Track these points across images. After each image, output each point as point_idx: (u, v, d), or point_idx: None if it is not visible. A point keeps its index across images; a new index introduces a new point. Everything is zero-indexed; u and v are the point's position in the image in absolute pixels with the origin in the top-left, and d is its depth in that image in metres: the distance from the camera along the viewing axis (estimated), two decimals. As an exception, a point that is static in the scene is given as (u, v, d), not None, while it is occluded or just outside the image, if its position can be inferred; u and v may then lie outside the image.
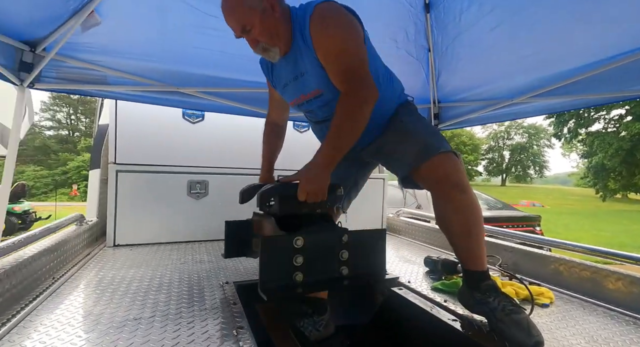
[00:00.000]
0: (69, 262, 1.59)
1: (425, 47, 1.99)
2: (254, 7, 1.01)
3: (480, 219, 1.05)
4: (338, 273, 0.99)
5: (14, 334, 0.90)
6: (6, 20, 1.34)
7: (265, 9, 1.02)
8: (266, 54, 1.11)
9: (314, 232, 1.03)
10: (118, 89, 1.87)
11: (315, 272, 0.97)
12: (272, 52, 1.09)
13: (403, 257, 1.98)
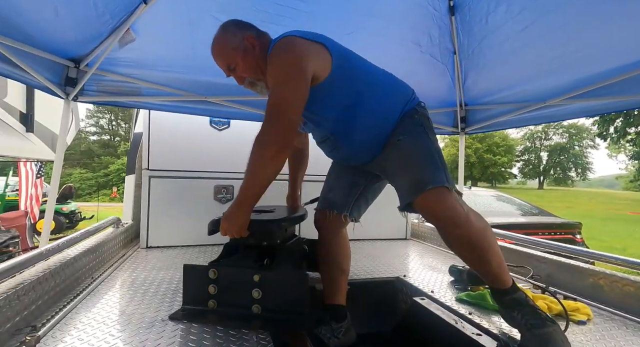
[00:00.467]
0: (106, 263, 1.71)
1: (450, 50, 1.94)
2: (236, 48, 1.12)
3: (488, 242, 1.00)
4: (249, 310, 1.05)
5: (57, 330, 0.98)
6: (54, 40, 1.48)
7: (246, 48, 1.12)
8: (254, 88, 1.19)
9: (228, 266, 1.13)
10: (151, 100, 1.99)
11: (227, 304, 1.07)
12: (258, 85, 1.17)
13: (427, 264, 1.92)
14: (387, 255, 2.14)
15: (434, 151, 1.09)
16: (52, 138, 5.33)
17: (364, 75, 1.13)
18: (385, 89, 1.15)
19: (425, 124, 1.14)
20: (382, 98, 1.14)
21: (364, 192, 1.35)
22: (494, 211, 4.66)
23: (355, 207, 1.35)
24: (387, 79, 1.19)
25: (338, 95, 1.09)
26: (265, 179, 1.01)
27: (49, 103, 5.03)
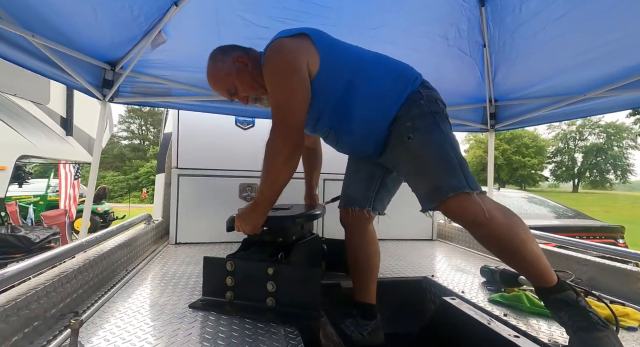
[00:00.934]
0: (139, 257, 1.78)
1: (479, 43, 1.87)
2: (229, 72, 1.13)
3: (520, 239, 0.95)
4: (264, 303, 1.06)
5: (97, 317, 1.03)
6: (93, 44, 1.56)
7: (239, 69, 1.13)
8: (261, 103, 1.20)
9: (244, 259, 1.15)
10: (180, 100, 2.06)
11: (244, 296, 1.10)
12: (264, 99, 1.17)
13: (455, 265, 1.85)
14: (413, 255, 2.08)
15: (449, 148, 1.00)
16: (89, 141, 5.66)
17: (354, 63, 1.09)
18: (378, 75, 1.09)
19: (434, 110, 1.04)
20: (374, 84, 1.08)
21: (384, 182, 1.29)
22: (525, 213, 4.44)
23: (378, 200, 1.29)
24: (380, 64, 1.12)
25: (330, 87, 1.06)
26: (279, 184, 1.04)
27: (85, 108, 5.35)
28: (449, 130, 1.06)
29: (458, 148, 1.04)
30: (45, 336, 0.90)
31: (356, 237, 1.32)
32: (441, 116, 1.05)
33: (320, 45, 1.05)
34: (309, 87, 1.01)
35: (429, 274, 1.64)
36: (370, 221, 1.33)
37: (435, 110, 1.05)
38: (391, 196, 1.35)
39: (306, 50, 1.03)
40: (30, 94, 4.23)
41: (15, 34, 1.15)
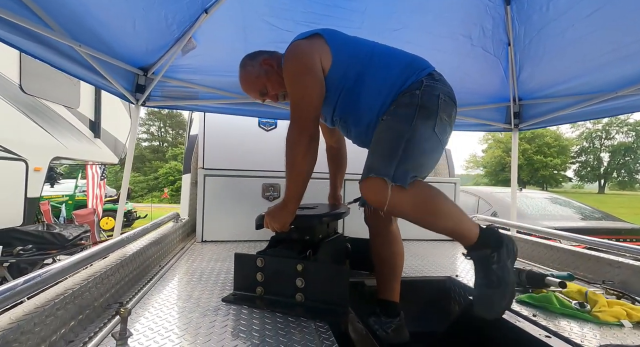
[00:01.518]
0: (169, 254, 1.86)
1: (504, 42, 1.85)
2: (259, 75, 1.24)
3: (434, 208, 1.03)
4: (293, 298, 1.09)
5: (139, 308, 1.09)
6: (130, 52, 1.65)
7: (267, 71, 1.23)
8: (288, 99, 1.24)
9: (274, 255, 1.19)
10: (207, 103, 2.14)
11: (274, 291, 1.13)
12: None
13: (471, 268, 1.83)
14: (435, 255, 2.08)
15: (402, 142, 1.01)
16: (115, 143, 5.91)
17: (364, 56, 1.14)
18: (386, 65, 1.13)
19: (424, 103, 1.04)
20: (381, 74, 1.11)
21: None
22: (548, 214, 4.31)
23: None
24: (390, 56, 1.16)
25: (341, 78, 1.13)
26: (302, 176, 1.10)
27: (111, 111, 5.60)
28: (425, 128, 1.04)
29: (414, 145, 1.02)
30: (96, 323, 0.97)
31: (379, 236, 1.34)
32: (427, 112, 1.05)
33: (332, 43, 1.13)
34: (322, 84, 1.10)
35: (453, 274, 1.64)
36: (392, 221, 1.34)
37: (426, 104, 1.05)
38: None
39: (319, 49, 1.11)
40: (62, 99, 4.47)
41: (64, 44, 1.24)
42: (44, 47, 1.17)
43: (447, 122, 1.09)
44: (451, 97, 1.12)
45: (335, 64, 1.11)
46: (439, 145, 1.10)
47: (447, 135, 1.14)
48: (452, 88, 1.13)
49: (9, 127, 3.64)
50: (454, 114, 1.13)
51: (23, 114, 3.80)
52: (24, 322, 0.71)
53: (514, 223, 2.34)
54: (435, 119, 1.05)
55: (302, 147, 1.06)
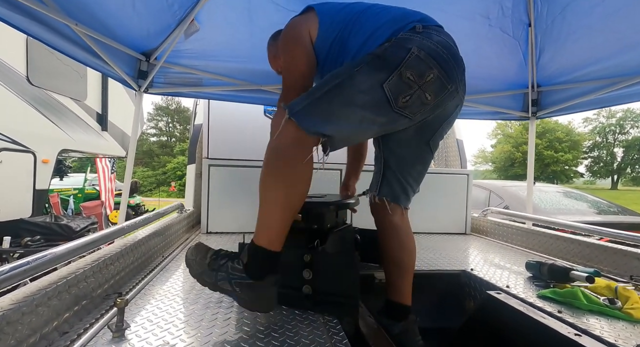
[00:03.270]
0: (173, 244, 1.81)
1: (524, 22, 1.74)
2: (277, 54, 1.27)
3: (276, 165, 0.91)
4: (300, 291, 1.01)
5: (138, 299, 1.04)
6: (131, 35, 1.59)
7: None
8: None
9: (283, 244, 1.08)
10: (211, 90, 2.07)
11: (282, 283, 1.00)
12: None
13: (495, 259, 1.75)
14: (448, 248, 2.00)
15: (330, 84, 0.89)
16: (122, 136, 5.92)
17: (349, 20, 1.05)
18: (368, 26, 1.00)
19: (382, 54, 0.88)
20: (361, 36, 1.00)
21: (387, 163, 1.17)
22: (563, 208, 4.17)
23: (385, 184, 1.17)
24: (376, 15, 1.03)
25: (329, 47, 1.07)
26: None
27: (118, 104, 5.59)
28: (366, 79, 0.88)
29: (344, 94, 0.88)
30: (93, 314, 0.92)
31: (383, 230, 1.22)
32: (380, 63, 0.88)
33: (320, 12, 1.09)
34: (310, 53, 1.06)
35: (468, 268, 1.56)
36: (394, 213, 1.17)
37: (384, 55, 0.88)
38: (402, 181, 1.16)
39: (306, 21, 1.09)
40: (69, 91, 4.46)
41: (60, 23, 1.18)
42: (44, 27, 1.12)
43: (413, 84, 0.87)
44: (435, 54, 0.89)
45: (321, 33, 1.07)
46: (386, 107, 0.89)
47: (412, 101, 0.90)
48: (449, 44, 0.93)
49: (17, 119, 3.64)
50: (436, 76, 0.89)
51: (30, 106, 3.80)
52: (11, 311, 0.66)
53: (530, 216, 2.24)
54: (389, 73, 0.86)
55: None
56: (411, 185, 1.18)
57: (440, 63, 0.90)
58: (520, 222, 2.35)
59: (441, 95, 0.94)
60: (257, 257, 0.90)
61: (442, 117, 1.07)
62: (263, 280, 0.88)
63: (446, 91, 0.94)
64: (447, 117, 1.09)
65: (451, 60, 0.93)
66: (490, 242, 2.26)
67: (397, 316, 1.15)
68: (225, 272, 0.90)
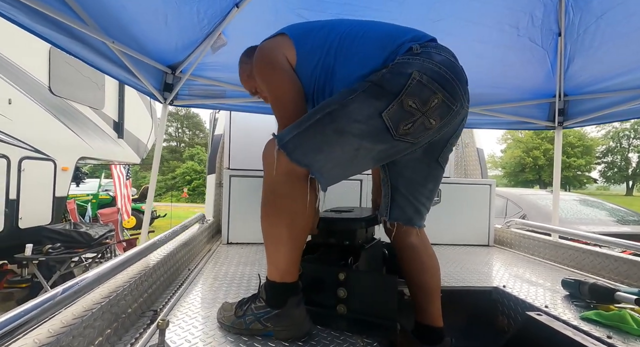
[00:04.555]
0: (196, 256, 1.81)
1: (554, 31, 1.71)
2: (251, 74, 1.15)
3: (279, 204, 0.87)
4: (334, 310, 0.99)
5: (172, 316, 1.03)
6: (159, 49, 1.61)
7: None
8: None
9: (312, 262, 1.10)
10: (233, 102, 2.08)
11: (313, 302, 1.02)
12: None
13: (523, 274, 1.70)
14: (472, 262, 1.95)
15: (322, 112, 0.84)
16: (137, 143, 6.01)
17: (330, 44, 0.97)
18: (355, 51, 0.93)
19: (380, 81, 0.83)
20: (351, 63, 0.93)
21: (394, 186, 1.11)
22: (585, 217, 4.06)
23: (395, 207, 1.12)
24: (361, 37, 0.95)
25: (311, 73, 0.98)
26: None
27: (133, 112, 5.69)
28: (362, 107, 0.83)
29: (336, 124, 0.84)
30: (132, 333, 0.91)
31: (401, 253, 1.18)
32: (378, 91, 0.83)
33: (294, 37, 1.00)
34: (293, 77, 0.97)
35: (499, 284, 1.51)
36: (410, 235, 1.12)
37: (382, 82, 0.83)
38: (413, 202, 1.11)
39: (281, 45, 1.00)
40: (88, 100, 4.56)
41: (97, 40, 1.21)
42: (78, 42, 1.14)
43: (416, 111, 0.83)
44: (438, 77, 0.83)
45: (300, 60, 0.98)
46: (385, 136, 0.84)
47: (414, 128, 0.85)
48: (450, 62, 0.86)
49: (39, 128, 3.73)
50: (440, 100, 0.84)
51: (52, 115, 3.90)
52: (64, 335, 0.66)
53: (558, 228, 2.17)
54: (389, 102, 0.82)
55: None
56: (424, 204, 1.13)
57: (444, 85, 0.84)
58: (545, 233, 2.29)
59: (447, 117, 0.90)
60: (273, 291, 0.92)
61: (449, 133, 1.02)
62: (286, 304, 0.90)
63: (452, 112, 0.89)
64: (454, 131, 1.04)
65: (454, 79, 0.87)
66: (516, 255, 2.20)
67: (430, 340, 1.09)
68: (252, 315, 0.92)
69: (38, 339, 0.64)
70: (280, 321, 0.90)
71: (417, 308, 1.14)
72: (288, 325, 0.90)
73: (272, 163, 0.85)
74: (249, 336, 0.93)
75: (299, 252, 0.92)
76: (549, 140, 34.01)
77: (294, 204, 0.87)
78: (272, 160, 0.85)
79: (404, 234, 1.12)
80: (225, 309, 1.00)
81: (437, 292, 1.12)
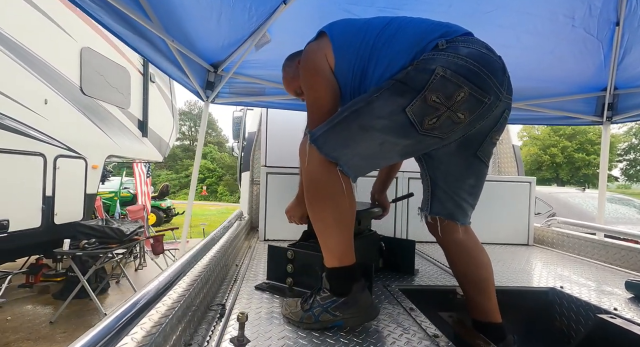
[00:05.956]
0: (239, 252, 1.82)
1: (612, 21, 1.63)
2: (294, 76, 1.24)
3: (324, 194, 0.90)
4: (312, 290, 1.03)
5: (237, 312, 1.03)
6: (205, 46, 1.62)
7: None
8: None
9: (303, 248, 1.20)
10: (272, 99, 2.08)
11: (302, 284, 1.15)
12: None
13: (577, 278, 1.63)
14: (517, 261, 1.89)
15: (348, 110, 0.91)
16: (160, 142, 6.12)
17: (366, 45, 0.98)
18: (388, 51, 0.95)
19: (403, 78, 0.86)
20: (382, 62, 0.95)
21: (435, 181, 1.11)
22: (621, 216, 3.92)
23: (435, 201, 1.12)
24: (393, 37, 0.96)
25: (347, 74, 1.02)
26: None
27: (155, 111, 5.79)
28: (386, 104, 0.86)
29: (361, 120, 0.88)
30: (206, 325, 0.92)
31: (447, 249, 1.16)
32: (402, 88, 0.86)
33: (333, 37, 1.04)
34: (332, 83, 1.03)
35: (556, 285, 1.46)
36: (454, 231, 1.11)
37: (406, 79, 0.86)
38: (454, 197, 1.09)
39: (323, 48, 1.04)
40: (116, 100, 4.66)
41: (157, 37, 1.21)
42: (142, 39, 1.15)
43: (441, 106, 0.83)
44: (464, 70, 0.83)
45: (338, 61, 1.02)
46: (410, 130, 0.86)
47: (440, 123, 0.86)
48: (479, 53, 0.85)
49: (72, 128, 3.83)
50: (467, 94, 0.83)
51: (83, 115, 4.00)
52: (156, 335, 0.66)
53: (603, 226, 2.09)
54: (412, 98, 0.84)
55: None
56: (466, 199, 1.10)
57: (470, 79, 0.84)
58: (590, 233, 2.21)
59: (478, 110, 0.88)
60: (336, 278, 0.93)
61: (488, 127, 0.99)
62: (352, 291, 0.91)
63: (484, 105, 0.88)
64: (495, 125, 1.00)
65: (484, 71, 0.85)
66: (559, 254, 2.13)
67: (493, 337, 1.04)
68: (319, 307, 0.93)
69: (135, 337, 0.64)
70: (349, 308, 0.91)
71: (472, 305, 1.11)
72: (357, 311, 0.91)
73: (304, 157, 0.93)
74: (319, 329, 0.93)
75: (350, 234, 0.94)
76: (567, 137, 33.01)
77: (333, 187, 0.90)
78: (304, 154, 0.93)
79: (448, 230, 1.11)
80: (290, 306, 1.00)
81: (492, 287, 1.10)
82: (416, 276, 1.53)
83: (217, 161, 31.50)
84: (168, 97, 6.41)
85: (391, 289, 1.32)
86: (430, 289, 1.42)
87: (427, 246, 2.14)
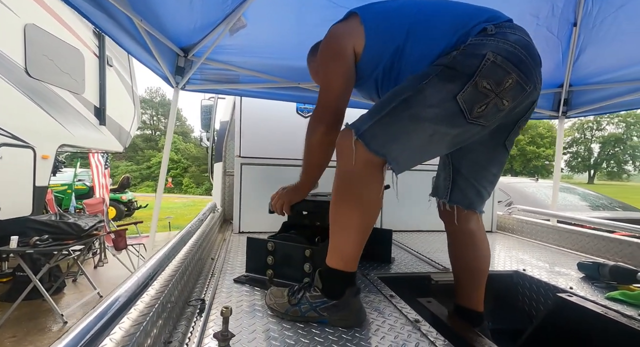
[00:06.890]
0: (214, 245, 1.76)
1: (570, 21, 1.74)
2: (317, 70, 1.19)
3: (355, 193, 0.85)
4: (301, 282, 1.03)
5: (218, 305, 1.00)
6: (177, 30, 1.51)
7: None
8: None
9: (284, 240, 1.21)
10: (247, 87, 2.00)
11: (283, 275, 1.16)
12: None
13: (537, 261, 1.77)
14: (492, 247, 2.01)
15: (397, 99, 0.84)
16: (120, 131, 5.70)
17: (403, 27, 0.95)
18: (425, 33, 0.92)
19: (453, 64, 0.83)
20: (419, 45, 0.92)
21: (457, 169, 1.10)
22: (571, 204, 4.30)
23: (456, 190, 1.11)
24: (431, 19, 0.94)
25: (378, 58, 0.98)
26: (314, 163, 1.09)
27: (114, 98, 5.36)
28: (436, 91, 0.82)
29: (412, 109, 0.83)
30: (186, 321, 0.88)
31: (456, 238, 1.18)
32: (451, 74, 0.82)
33: (365, 20, 0.99)
34: (350, 71, 1.00)
35: (519, 268, 1.57)
36: (470, 220, 1.13)
37: (455, 65, 0.83)
38: (477, 187, 1.10)
39: (352, 31, 1.00)
40: (68, 84, 4.24)
41: (124, 16, 1.10)
42: (109, 18, 1.04)
43: (490, 92, 0.82)
44: (513, 57, 0.82)
45: (368, 45, 0.98)
46: (459, 119, 0.83)
47: (487, 110, 0.84)
48: (525, 41, 0.85)
49: (16, 113, 3.43)
50: (515, 81, 0.83)
51: (30, 99, 3.59)
52: (138, 333, 0.61)
53: (558, 213, 2.29)
54: (463, 84, 0.81)
55: (317, 135, 1.03)
56: (486, 188, 1.12)
57: (518, 66, 0.83)
58: (545, 219, 2.40)
59: (519, 97, 0.88)
60: (333, 279, 0.91)
61: (518, 115, 1.01)
62: (344, 295, 0.90)
63: (525, 93, 0.88)
64: (524, 114, 1.02)
65: (529, 59, 0.86)
66: (520, 240, 2.30)
67: (472, 322, 1.11)
68: (307, 304, 0.92)
69: (114, 338, 0.60)
70: (338, 311, 0.90)
71: (461, 292, 1.16)
72: (345, 315, 0.91)
73: (350, 153, 0.84)
74: (304, 322, 0.92)
75: (364, 244, 0.91)
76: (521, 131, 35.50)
77: (371, 194, 0.86)
78: (349, 151, 0.84)
79: (463, 219, 1.11)
80: (276, 296, 0.98)
81: (485, 278, 1.14)
82: (393, 264, 1.58)
83: (182, 152, 30.07)
84: (128, 83, 5.96)
85: (370, 277, 1.35)
86: (407, 276, 1.47)
87: (401, 235, 2.21)
